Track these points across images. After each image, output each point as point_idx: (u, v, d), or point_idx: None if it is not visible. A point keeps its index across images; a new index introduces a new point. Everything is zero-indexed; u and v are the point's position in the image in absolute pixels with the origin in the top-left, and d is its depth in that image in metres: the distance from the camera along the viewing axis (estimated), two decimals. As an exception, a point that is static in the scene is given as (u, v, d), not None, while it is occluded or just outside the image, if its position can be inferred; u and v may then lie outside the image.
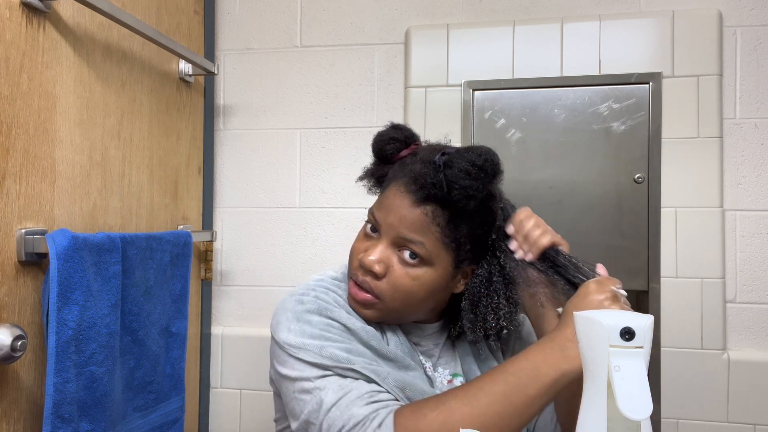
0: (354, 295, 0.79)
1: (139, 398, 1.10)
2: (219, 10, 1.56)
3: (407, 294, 0.77)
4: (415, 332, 0.86)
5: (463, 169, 0.73)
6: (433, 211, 0.75)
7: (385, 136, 0.84)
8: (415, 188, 0.76)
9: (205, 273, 1.49)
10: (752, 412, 1.27)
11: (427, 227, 0.75)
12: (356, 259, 0.79)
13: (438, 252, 0.76)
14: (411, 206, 0.76)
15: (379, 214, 0.79)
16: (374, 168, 0.87)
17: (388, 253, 0.77)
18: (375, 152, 0.85)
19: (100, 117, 1.10)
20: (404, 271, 0.76)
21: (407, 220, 0.75)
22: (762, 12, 1.31)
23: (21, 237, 0.90)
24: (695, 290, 1.30)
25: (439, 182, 0.73)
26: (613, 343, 0.60)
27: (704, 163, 1.30)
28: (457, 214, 0.76)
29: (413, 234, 0.75)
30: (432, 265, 0.77)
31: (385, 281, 0.77)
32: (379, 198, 0.82)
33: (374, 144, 0.85)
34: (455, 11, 1.44)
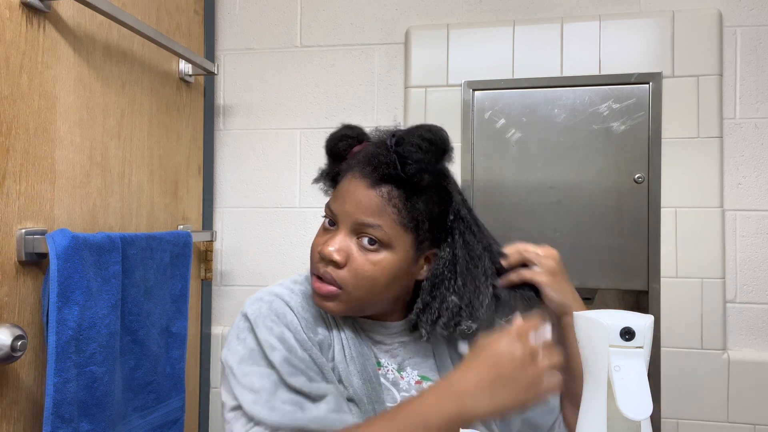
0: (317, 289, 0.78)
1: (139, 398, 1.10)
2: (219, 10, 1.56)
3: (370, 280, 0.76)
4: (378, 330, 0.84)
5: (414, 143, 0.74)
6: (388, 192, 0.75)
7: (337, 135, 0.85)
8: (369, 170, 0.76)
9: (205, 273, 1.49)
10: (752, 412, 1.27)
11: (383, 209, 0.75)
12: (316, 253, 0.79)
13: (397, 234, 0.76)
14: (366, 189, 0.76)
15: (335, 205, 0.79)
16: (328, 167, 0.87)
17: (347, 242, 0.77)
18: (328, 150, 0.86)
19: (100, 117, 1.10)
20: (365, 257, 0.76)
21: (363, 205, 0.75)
22: (762, 12, 1.31)
23: (21, 237, 0.90)
24: (695, 290, 1.30)
25: (392, 161, 0.74)
26: (613, 343, 0.60)
27: (704, 163, 1.30)
28: (412, 192, 0.76)
29: (370, 217, 0.75)
30: (392, 248, 0.76)
31: (346, 270, 0.76)
32: (335, 191, 0.82)
33: (327, 143, 0.85)
34: (455, 11, 1.44)
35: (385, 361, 0.83)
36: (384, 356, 0.84)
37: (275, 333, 0.76)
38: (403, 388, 0.82)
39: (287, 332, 0.77)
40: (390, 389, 0.81)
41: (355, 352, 0.80)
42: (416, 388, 0.82)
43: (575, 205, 1.33)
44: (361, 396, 0.77)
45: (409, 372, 0.84)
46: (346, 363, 0.79)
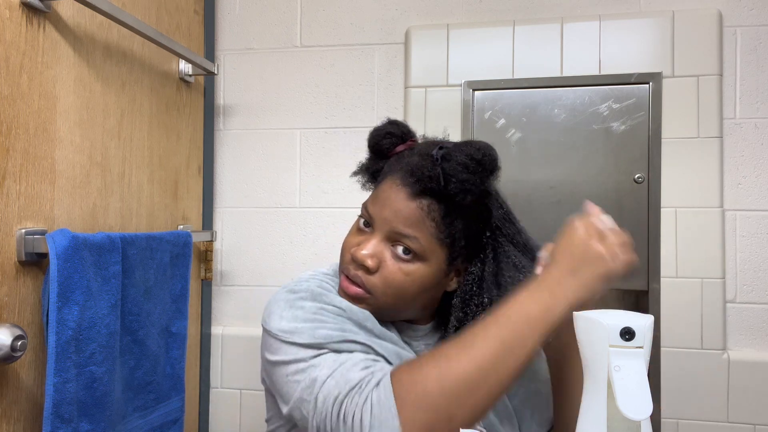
0: (345, 288, 0.78)
1: (139, 398, 1.10)
2: (219, 10, 1.56)
3: (399, 290, 0.76)
4: (407, 332, 0.85)
5: (461, 162, 0.73)
6: (428, 206, 0.75)
7: (381, 131, 0.83)
8: (412, 181, 0.75)
9: (205, 273, 1.49)
10: (752, 412, 1.27)
11: (422, 222, 0.74)
12: (348, 253, 0.79)
13: (432, 248, 0.75)
14: (406, 200, 0.75)
15: (373, 208, 0.78)
16: (369, 163, 0.87)
17: (381, 248, 0.76)
18: (371, 147, 0.85)
19: (100, 117, 1.10)
20: (397, 266, 0.75)
21: (402, 214, 0.75)
22: (762, 12, 1.31)
23: (21, 237, 0.90)
24: (695, 290, 1.30)
25: (436, 175, 0.73)
26: (613, 343, 0.60)
27: (704, 163, 1.30)
28: (452, 209, 0.75)
29: (408, 228, 0.74)
30: (425, 260, 0.76)
31: (377, 276, 0.76)
32: (374, 192, 0.81)
33: (370, 138, 0.84)
34: (455, 11, 1.44)
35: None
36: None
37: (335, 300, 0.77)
38: None
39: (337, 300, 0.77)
40: None
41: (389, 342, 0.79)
42: None
43: (575, 205, 1.32)
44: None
45: None
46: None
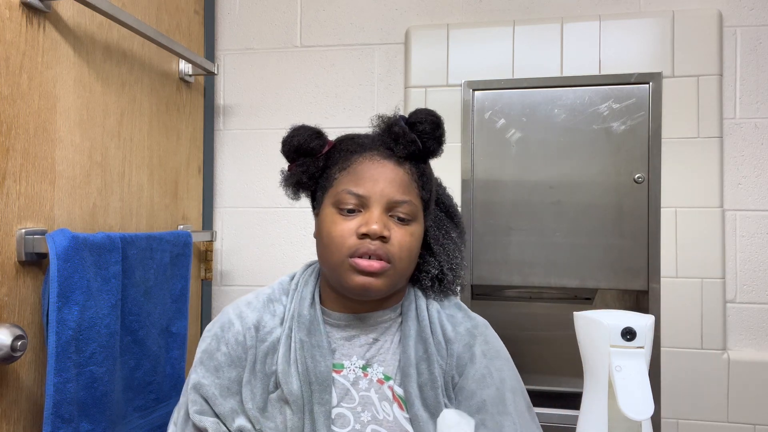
0: (367, 267, 0.78)
1: (139, 398, 1.10)
2: (219, 10, 1.56)
3: (409, 251, 0.81)
4: (355, 324, 0.86)
5: (429, 121, 0.83)
6: (410, 169, 0.83)
7: (307, 132, 0.87)
8: (395, 150, 0.82)
9: (205, 273, 1.49)
10: (752, 412, 1.27)
11: (410, 185, 0.82)
12: (349, 236, 0.80)
13: (418, 207, 0.84)
14: (395, 169, 0.82)
15: (364, 188, 0.81)
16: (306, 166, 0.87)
17: (384, 219, 0.80)
18: (300, 150, 0.86)
19: (100, 117, 1.10)
20: (402, 230, 0.81)
21: (396, 183, 0.81)
22: (762, 12, 1.31)
23: (21, 237, 0.90)
24: (695, 290, 1.30)
25: (413, 140, 0.82)
26: (614, 344, 0.60)
27: (704, 163, 1.30)
28: (423, 168, 0.85)
29: (403, 195, 0.81)
30: (417, 220, 0.83)
31: (390, 244, 0.80)
32: (347, 176, 0.82)
33: (297, 143, 0.86)
34: (455, 11, 1.44)
35: (350, 362, 0.85)
36: (352, 356, 0.85)
37: (211, 348, 0.85)
38: (363, 387, 0.83)
39: (223, 348, 0.85)
40: (349, 390, 0.83)
41: (300, 355, 0.82)
42: (376, 387, 0.83)
43: (575, 205, 1.33)
44: (297, 397, 0.80)
45: (375, 368, 0.84)
46: (288, 365, 0.82)
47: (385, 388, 0.83)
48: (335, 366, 0.84)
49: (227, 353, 0.84)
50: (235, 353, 0.84)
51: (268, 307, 0.88)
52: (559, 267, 1.33)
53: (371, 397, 0.82)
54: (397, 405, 0.82)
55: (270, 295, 0.90)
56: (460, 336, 0.85)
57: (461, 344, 0.85)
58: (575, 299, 1.44)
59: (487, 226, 1.36)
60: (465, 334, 0.85)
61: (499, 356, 0.85)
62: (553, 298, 1.45)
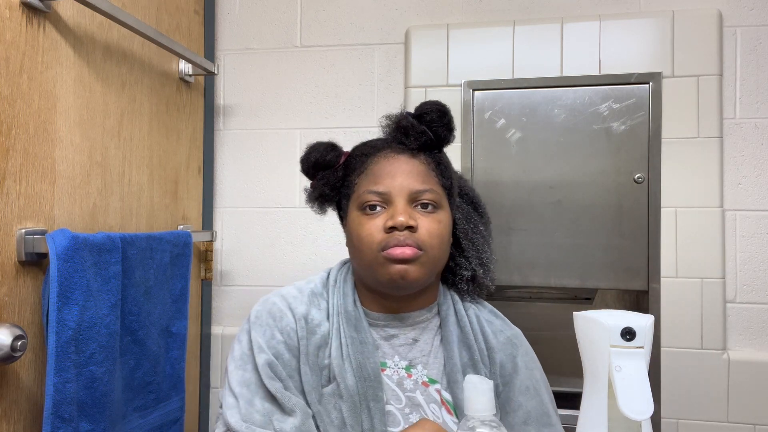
0: (400, 255, 0.78)
1: (139, 398, 1.10)
2: (219, 10, 1.56)
3: (439, 238, 0.82)
4: (394, 324, 0.86)
5: (435, 110, 0.84)
6: (426, 159, 0.85)
7: (322, 147, 0.89)
8: (407, 143, 0.84)
9: (205, 273, 1.49)
10: (752, 412, 1.27)
11: (428, 174, 0.84)
12: (378, 232, 0.81)
13: (441, 194, 0.84)
14: (410, 161, 0.84)
15: (383, 185, 0.82)
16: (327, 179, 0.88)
17: (409, 210, 0.81)
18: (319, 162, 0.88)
19: (100, 117, 1.10)
20: (428, 218, 0.82)
21: (413, 174, 0.82)
22: (762, 12, 1.31)
23: (21, 237, 0.90)
24: (695, 290, 1.30)
25: (423, 131, 0.84)
26: (613, 343, 0.60)
27: (704, 163, 1.30)
28: (439, 156, 0.87)
29: (423, 184, 0.82)
30: (442, 207, 0.84)
31: (419, 233, 0.80)
32: (367, 178, 0.84)
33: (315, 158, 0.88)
34: (455, 11, 1.44)
35: (393, 362, 0.84)
36: (393, 356, 0.85)
37: (266, 336, 0.81)
38: (408, 388, 0.83)
39: (279, 336, 0.81)
40: (395, 390, 0.83)
41: (352, 351, 0.81)
42: (422, 390, 0.83)
43: (575, 205, 1.33)
44: (353, 393, 0.79)
45: (419, 371, 0.84)
46: (342, 360, 0.81)
47: (432, 391, 0.83)
48: (381, 364, 0.84)
49: (284, 341, 0.81)
50: (292, 342, 0.82)
51: (313, 301, 0.87)
52: (559, 267, 1.33)
53: (418, 399, 0.83)
54: (446, 409, 0.82)
55: (313, 290, 0.89)
56: (502, 345, 0.87)
57: (504, 353, 0.86)
58: (575, 299, 1.44)
59: (487, 226, 1.36)
60: (506, 344, 0.87)
61: (537, 367, 0.89)
62: (553, 298, 1.45)
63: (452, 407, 0.82)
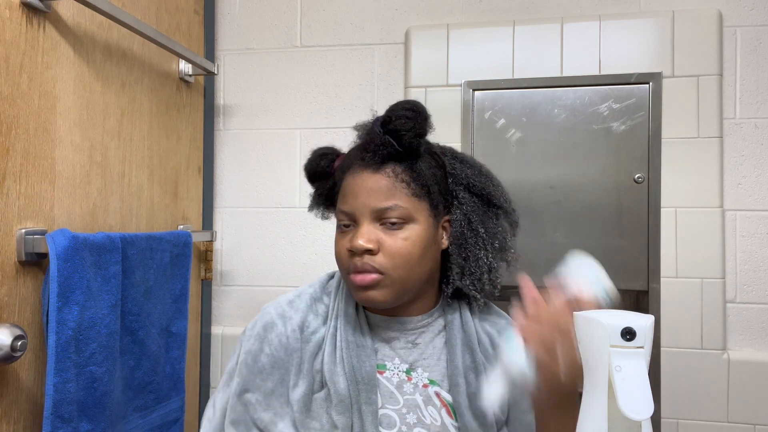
0: (359, 282, 0.78)
1: (139, 398, 1.10)
2: (219, 10, 1.56)
3: (405, 257, 0.78)
4: (394, 327, 0.85)
5: (402, 115, 0.78)
6: (392, 170, 0.80)
7: (314, 155, 0.89)
8: (369, 158, 0.80)
9: (205, 273, 1.49)
10: (752, 412, 1.27)
11: (393, 187, 0.79)
12: (345, 253, 0.81)
13: (413, 206, 0.79)
14: (372, 177, 0.79)
15: (348, 204, 0.81)
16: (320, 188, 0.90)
17: (372, 230, 0.79)
18: (311, 174, 0.90)
19: (100, 117, 1.10)
20: (394, 237, 0.78)
21: (375, 191, 0.79)
22: (762, 12, 1.31)
23: (21, 237, 0.90)
24: (695, 290, 1.30)
25: (386, 140, 0.78)
26: (613, 343, 0.60)
27: (704, 163, 1.30)
28: (412, 163, 0.81)
29: (386, 201, 0.78)
30: (414, 220, 0.79)
31: (381, 255, 0.78)
32: (340, 196, 0.84)
33: (308, 167, 0.90)
34: (455, 11, 1.44)
35: (393, 364, 0.84)
36: (394, 358, 0.84)
37: (254, 350, 0.84)
38: (407, 392, 0.82)
39: (267, 349, 0.83)
40: (393, 392, 0.82)
41: (346, 355, 0.81)
42: (422, 392, 0.82)
43: (575, 205, 1.33)
44: (344, 397, 0.79)
45: (419, 373, 0.84)
46: (334, 365, 0.81)
47: (431, 393, 0.83)
48: (378, 367, 0.84)
49: (270, 354, 0.82)
50: (278, 354, 0.82)
51: (312, 307, 0.87)
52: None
53: (416, 400, 0.82)
54: (446, 411, 0.82)
55: (312, 295, 0.89)
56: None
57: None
58: (575, 299, 1.44)
59: (487, 226, 1.36)
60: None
61: None
62: (553, 298, 1.45)
63: (452, 409, 0.82)
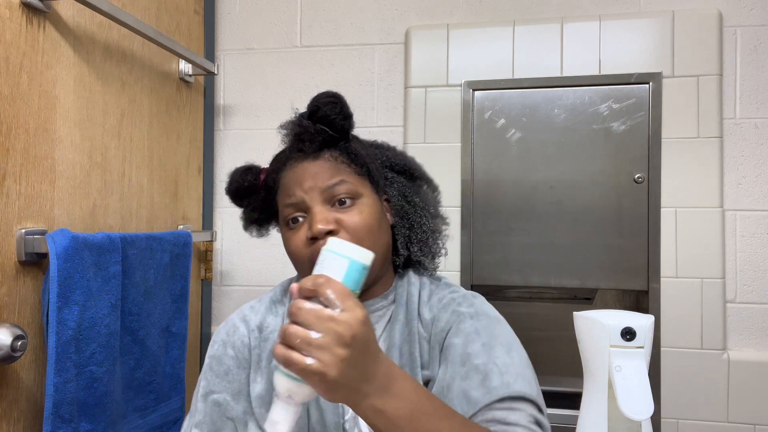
0: None
1: (139, 398, 1.10)
2: (219, 10, 1.56)
3: (366, 229, 0.79)
4: None
5: (326, 103, 0.81)
6: (330, 155, 0.82)
7: (237, 173, 0.90)
8: (307, 147, 0.82)
9: (205, 273, 1.49)
10: (752, 412, 1.27)
11: (337, 168, 0.81)
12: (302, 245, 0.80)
13: (358, 182, 0.81)
14: (313, 163, 0.81)
15: (294, 195, 0.81)
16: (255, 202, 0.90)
17: (325, 211, 0.79)
18: (238, 188, 0.90)
19: (100, 117, 1.10)
20: (348, 213, 0.79)
21: (319, 173, 0.80)
22: (762, 12, 1.31)
23: (21, 237, 0.90)
24: (695, 290, 1.30)
25: (319, 128, 0.81)
26: (614, 344, 0.60)
27: (704, 163, 1.30)
28: (347, 146, 0.83)
29: (332, 178, 0.79)
30: (362, 195, 0.81)
31: (343, 233, 0.78)
32: (281, 194, 0.84)
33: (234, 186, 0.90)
34: (455, 11, 1.44)
35: None
36: None
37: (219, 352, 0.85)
38: None
39: (230, 351, 0.85)
40: None
41: None
42: None
43: (575, 205, 1.33)
44: None
45: None
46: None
47: None
48: None
49: (235, 356, 0.84)
50: (242, 355, 0.84)
51: (271, 309, 0.88)
52: (559, 267, 1.33)
53: None
54: None
55: (272, 298, 0.90)
56: (444, 305, 0.84)
57: (447, 312, 0.83)
58: (575, 299, 1.44)
59: (487, 226, 1.36)
60: (449, 302, 0.85)
61: (488, 316, 0.83)
62: (553, 298, 1.45)
63: None
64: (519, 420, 0.69)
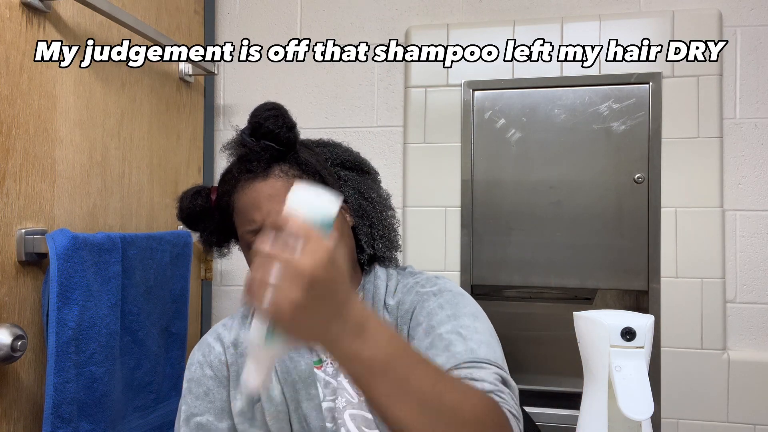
0: None
1: (139, 398, 1.10)
2: (219, 10, 1.56)
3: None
4: None
5: (268, 117, 0.79)
6: (281, 170, 0.81)
7: (186, 198, 0.89)
8: (255, 166, 0.80)
9: (205, 273, 1.49)
10: (752, 412, 1.27)
11: (290, 184, 0.79)
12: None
13: None
14: (263, 183, 0.80)
15: (254, 221, 0.80)
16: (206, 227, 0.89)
17: None
18: (191, 214, 0.88)
19: (100, 117, 1.10)
20: None
21: (274, 195, 0.79)
22: (762, 12, 1.31)
23: (21, 237, 0.90)
24: (695, 290, 1.30)
25: (264, 144, 0.80)
26: (614, 343, 0.60)
27: (704, 163, 1.30)
28: (296, 157, 0.82)
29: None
30: None
31: None
32: (239, 218, 0.83)
33: (186, 210, 0.88)
34: (455, 11, 1.44)
35: (326, 355, 0.84)
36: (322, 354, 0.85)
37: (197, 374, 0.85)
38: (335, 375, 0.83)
39: (209, 371, 0.84)
40: (330, 381, 0.82)
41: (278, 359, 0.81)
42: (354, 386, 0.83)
43: (575, 205, 1.33)
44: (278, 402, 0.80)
45: None
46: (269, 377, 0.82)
47: None
48: (315, 363, 0.84)
49: (214, 375, 0.84)
50: (221, 373, 0.84)
51: (244, 324, 0.88)
52: (559, 267, 1.33)
53: (342, 382, 0.82)
54: None
55: (244, 313, 0.90)
56: (408, 288, 0.85)
57: (411, 294, 0.84)
58: (575, 299, 1.44)
59: (487, 226, 1.36)
60: (413, 285, 0.85)
61: (450, 291, 0.84)
62: (553, 298, 1.45)
63: None
64: (485, 377, 0.69)
